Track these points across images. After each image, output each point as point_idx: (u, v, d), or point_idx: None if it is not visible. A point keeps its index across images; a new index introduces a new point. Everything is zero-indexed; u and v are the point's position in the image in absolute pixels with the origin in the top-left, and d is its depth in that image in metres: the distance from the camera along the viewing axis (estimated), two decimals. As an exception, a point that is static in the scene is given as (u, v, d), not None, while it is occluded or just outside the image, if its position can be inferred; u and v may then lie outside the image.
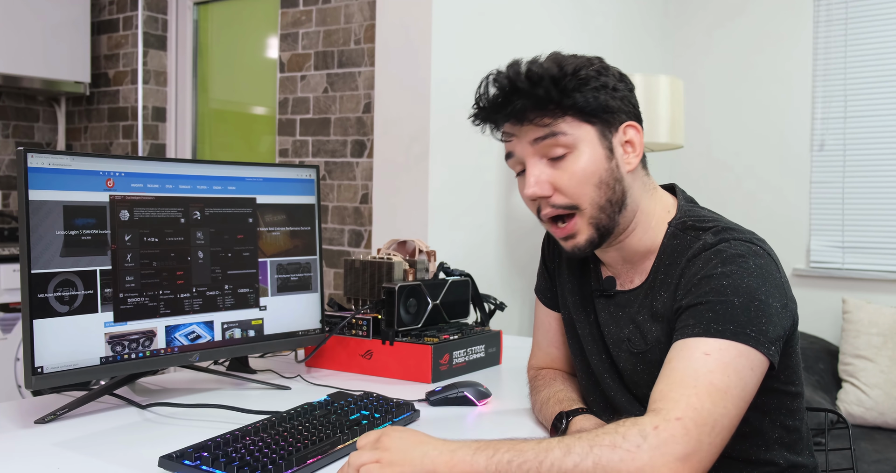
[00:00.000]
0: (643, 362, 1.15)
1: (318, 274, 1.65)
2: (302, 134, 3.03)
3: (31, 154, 1.23)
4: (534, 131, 1.12)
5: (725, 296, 1.02)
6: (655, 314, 1.15)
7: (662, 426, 0.91)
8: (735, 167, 3.51)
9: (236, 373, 1.57)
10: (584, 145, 1.12)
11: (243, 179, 1.53)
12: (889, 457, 2.51)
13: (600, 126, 1.13)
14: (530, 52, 1.18)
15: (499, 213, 2.75)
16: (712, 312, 1.02)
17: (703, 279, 1.06)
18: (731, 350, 0.99)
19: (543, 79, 1.10)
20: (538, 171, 1.13)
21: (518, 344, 1.97)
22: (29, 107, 3.79)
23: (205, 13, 3.61)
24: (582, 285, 1.29)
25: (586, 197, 1.12)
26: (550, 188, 1.13)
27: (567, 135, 1.11)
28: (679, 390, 0.95)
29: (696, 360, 0.98)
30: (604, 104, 1.12)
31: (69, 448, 1.14)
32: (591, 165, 1.12)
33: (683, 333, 1.03)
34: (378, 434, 1.00)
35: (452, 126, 2.54)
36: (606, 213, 1.13)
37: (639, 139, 1.16)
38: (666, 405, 0.94)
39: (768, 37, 3.47)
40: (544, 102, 1.11)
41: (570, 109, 1.11)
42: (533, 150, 1.13)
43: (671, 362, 1.01)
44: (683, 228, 1.16)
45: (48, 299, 1.23)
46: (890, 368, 2.86)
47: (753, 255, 1.07)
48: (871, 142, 3.25)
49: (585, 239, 1.15)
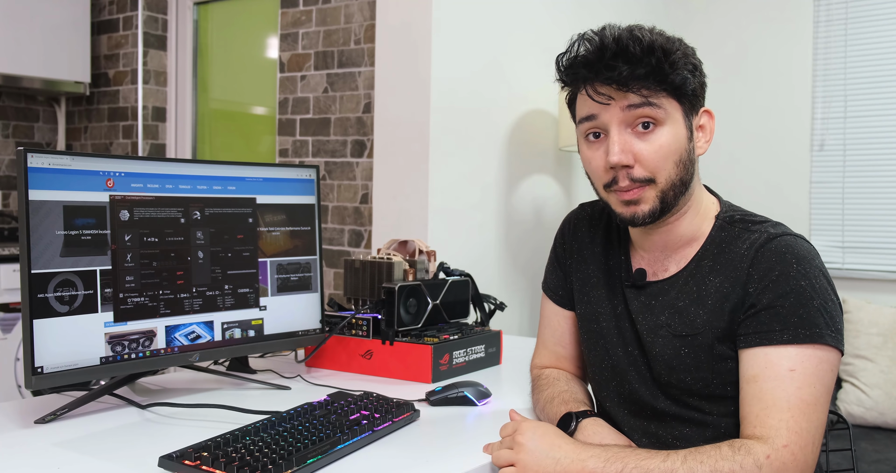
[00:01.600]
0: (689, 345, 1.15)
1: (318, 274, 1.65)
2: (302, 134, 3.03)
3: (31, 154, 1.23)
4: (630, 98, 1.12)
5: (807, 299, 1.07)
6: (701, 298, 1.15)
7: (774, 455, 1.00)
8: (735, 167, 3.51)
9: (236, 373, 1.57)
10: (672, 122, 1.14)
11: (243, 179, 1.53)
12: (889, 457, 2.51)
13: (687, 106, 1.15)
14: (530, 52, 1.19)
15: (499, 213, 2.75)
16: (797, 316, 1.06)
17: (781, 277, 1.08)
18: (814, 358, 1.05)
19: (655, 50, 1.11)
20: (624, 139, 1.13)
21: (518, 344, 1.97)
22: (29, 107, 3.79)
23: (205, 13, 3.61)
24: (610, 277, 1.29)
25: (664, 172, 1.14)
26: (633, 158, 1.13)
27: (660, 109, 1.13)
28: (776, 414, 1.03)
29: (783, 378, 1.04)
30: (693, 85, 1.15)
31: (69, 448, 1.14)
32: (675, 142, 1.14)
33: (770, 338, 1.07)
34: (514, 428, 1.10)
35: (452, 126, 2.54)
36: (676, 191, 1.15)
37: (711, 126, 1.19)
38: (768, 432, 1.02)
39: (768, 37, 3.47)
40: (651, 74, 1.11)
41: (670, 85, 1.12)
42: (622, 117, 1.13)
43: (759, 381, 1.06)
44: (732, 221, 1.18)
45: (48, 299, 1.23)
46: (890, 368, 2.86)
47: (815, 254, 1.12)
48: (871, 142, 3.25)
49: (649, 209, 1.15)
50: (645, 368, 1.21)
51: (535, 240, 2.90)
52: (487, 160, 2.69)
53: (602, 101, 1.13)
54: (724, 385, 1.13)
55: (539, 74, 2.81)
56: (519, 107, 2.79)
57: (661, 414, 1.19)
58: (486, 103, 2.68)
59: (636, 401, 1.22)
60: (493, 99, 2.70)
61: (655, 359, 1.19)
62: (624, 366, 1.25)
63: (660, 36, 1.13)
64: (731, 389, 1.13)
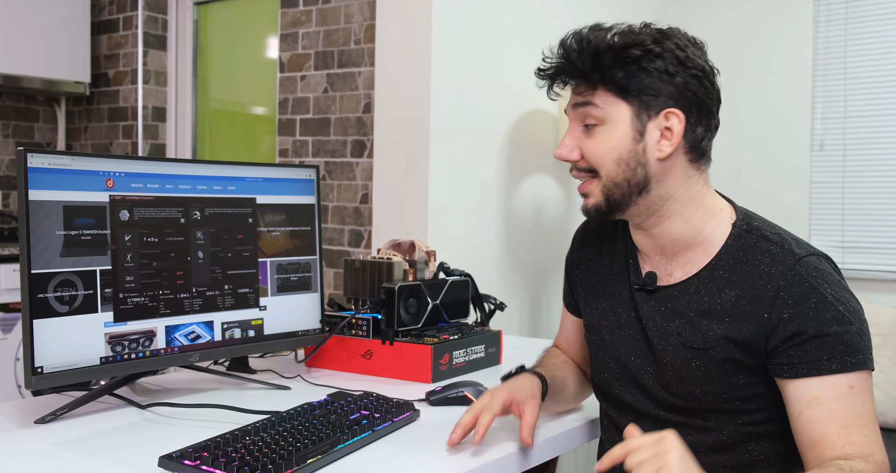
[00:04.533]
0: (701, 358, 1.14)
1: (318, 274, 1.65)
2: (302, 134, 3.03)
3: (31, 154, 1.23)
4: (574, 98, 1.18)
5: (847, 324, 1.07)
6: (716, 310, 1.14)
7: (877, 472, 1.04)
8: (735, 167, 3.50)
9: (236, 373, 1.57)
10: (613, 122, 1.14)
11: (243, 179, 1.53)
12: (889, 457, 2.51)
13: (637, 107, 1.13)
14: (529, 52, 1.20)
15: (499, 213, 2.75)
16: (842, 345, 1.07)
17: (820, 304, 1.08)
18: (863, 377, 1.08)
19: (584, 50, 1.14)
20: (571, 136, 1.19)
21: (518, 344, 1.97)
22: (29, 107, 3.79)
23: (205, 13, 3.61)
24: (615, 285, 1.28)
25: (604, 168, 1.16)
26: (578, 153, 1.18)
27: (598, 108, 1.14)
28: (858, 431, 1.05)
29: (847, 396, 1.06)
30: (646, 86, 1.12)
31: (69, 448, 1.14)
32: (614, 141, 1.14)
33: (819, 368, 1.07)
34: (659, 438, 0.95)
35: (452, 126, 2.54)
36: (621, 190, 1.15)
37: (679, 129, 1.12)
38: (862, 449, 1.05)
39: (768, 37, 3.47)
40: (580, 72, 1.15)
41: (604, 83, 1.13)
42: (574, 114, 1.19)
43: (823, 403, 1.06)
44: (749, 229, 1.17)
45: (48, 299, 1.23)
46: (890, 368, 2.86)
47: (839, 274, 1.13)
48: (871, 142, 3.25)
49: (593, 203, 1.18)
50: (652, 375, 1.20)
51: (535, 240, 2.90)
52: (487, 160, 2.69)
53: (552, 96, 1.23)
54: (734, 400, 1.13)
55: (539, 74, 2.81)
56: (519, 107, 2.79)
57: (664, 422, 1.18)
58: (486, 103, 2.68)
59: (636, 410, 1.22)
60: (493, 99, 2.70)
61: (665, 368, 1.18)
62: (623, 378, 1.24)
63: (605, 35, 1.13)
64: (739, 403, 1.13)
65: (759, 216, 1.22)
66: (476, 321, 1.88)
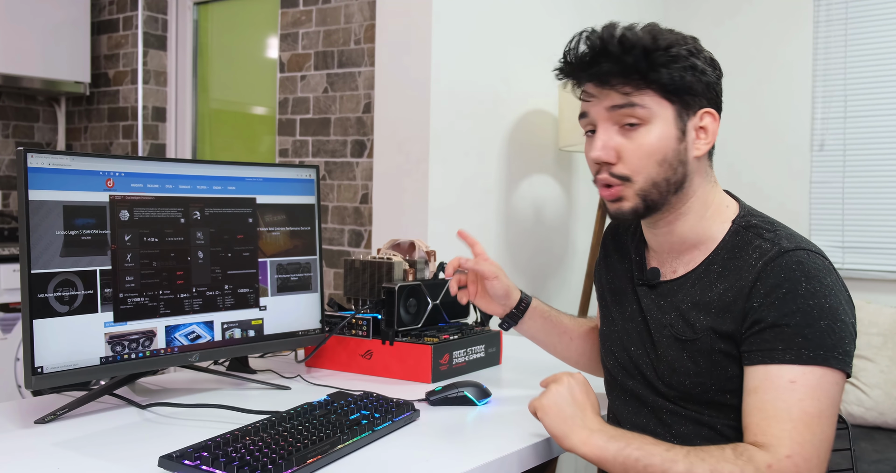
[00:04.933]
0: (690, 350, 1.15)
1: (318, 274, 1.65)
2: (302, 134, 3.03)
3: (31, 154, 1.23)
4: (613, 98, 1.13)
5: (813, 319, 1.04)
6: (704, 303, 1.15)
7: (776, 465, 0.99)
8: (735, 167, 3.51)
9: (236, 373, 1.57)
10: (658, 122, 1.13)
11: (243, 179, 1.53)
12: (889, 457, 2.51)
13: (679, 106, 1.14)
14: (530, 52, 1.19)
15: (499, 213, 2.75)
16: (801, 337, 1.04)
17: (788, 295, 1.06)
18: (816, 372, 1.03)
19: (635, 47, 1.11)
20: (607, 137, 1.15)
21: (518, 344, 1.97)
22: (29, 107, 3.79)
23: (205, 13, 3.61)
24: (621, 278, 1.30)
25: (644, 171, 1.14)
26: (615, 156, 1.14)
27: (644, 108, 1.12)
28: (777, 425, 1.02)
29: (784, 389, 1.03)
30: (688, 85, 1.13)
31: (69, 448, 1.14)
32: (659, 142, 1.13)
33: (772, 357, 1.05)
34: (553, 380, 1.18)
35: (452, 126, 2.54)
36: (659, 190, 1.14)
37: (713, 128, 1.17)
38: (770, 440, 1.01)
39: (768, 37, 3.47)
40: (630, 71, 1.11)
41: (655, 83, 1.12)
42: (608, 115, 1.15)
43: (759, 392, 1.05)
44: (747, 226, 1.17)
45: (48, 299, 1.23)
46: (890, 368, 2.86)
47: (828, 271, 1.09)
48: (871, 142, 3.25)
49: (630, 207, 1.16)
50: (650, 366, 1.22)
51: (535, 240, 2.90)
52: (487, 160, 2.69)
53: (585, 98, 1.17)
54: (723, 393, 1.13)
55: (539, 74, 2.81)
56: (519, 107, 2.79)
57: (660, 412, 1.20)
58: (486, 103, 2.68)
59: (638, 398, 1.23)
60: (493, 99, 2.70)
61: (661, 358, 1.19)
62: (626, 367, 1.26)
63: (649, 34, 1.13)
64: (729, 397, 1.13)
65: (763, 214, 1.22)
66: (476, 321, 1.88)
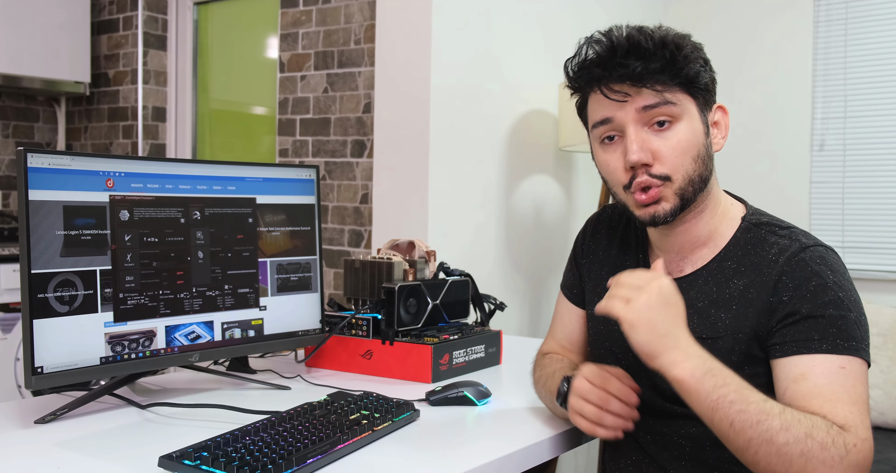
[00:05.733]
0: (710, 348, 1.12)
1: (318, 274, 1.65)
2: (302, 134, 3.03)
3: (31, 154, 1.23)
4: (646, 97, 1.12)
5: (845, 310, 1.06)
6: (724, 300, 1.14)
7: (859, 445, 0.98)
8: (735, 167, 3.51)
9: (236, 373, 1.57)
10: (688, 117, 1.13)
11: (243, 179, 1.53)
12: (889, 457, 2.51)
13: (701, 102, 1.15)
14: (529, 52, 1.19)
15: (499, 213, 2.75)
16: (836, 328, 1.05)
17: (819, 288, 1.07)
18: (856, 363, 1.05)
19: (668, 44, 1.11)
20: (642, 137, 1.13)
21: (518, 344, 1.97)
22: (29, 107, 3.79)
23: (205, 13, 3.61)
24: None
25: (682, 168, 1.13)
26: (651, 156, 1.13)
27: (677, 105, 1.12)
28: (846, 407, 1.00)
29: (839, 374, 1.03)
30: (707, 80, 1.14)
31: (69, 448, 1.14)
32: (693, 137, 1.13)
33: (809, 347, 1.05)
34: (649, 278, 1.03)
35: (452, 126, 2.54)
36: (694, 187, 1.14)
37: (725, 121, 1.18)
38: (846, 422, 0.99)
39: (768, 37, 3.47)
40: (663, 69, 1.11)
41: (684, 79, 1.12)
42: (638, 117, 1.13)
43: (810, 378, 1.04)
44: (758, 223, 1.17)
45: (48, 299, 1.23)
46: (890, 368, 2.86)
47: (845, 267, 1.12)
48: (871, 142, 3.25)
49: (670, 207, 1.14)
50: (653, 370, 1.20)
51: (535, 240, 2.90)
52: (487, 160, 2.69)
53: (618, 98, 1.12)
54: None
55: (539, 74, 2.81)
56: (519, 107, 2.79)
57: (669, 414, 1.19)
58: (486, 103, 2.68)
59: (642, 400, 1.22)
60: (493, 99, 2.70)
61: None
62: (637, 367, 1.23)
63: (669, 31, 1.14)
64: None
65: (770, 214, 1.22)
66: (476, 321, 1.88)
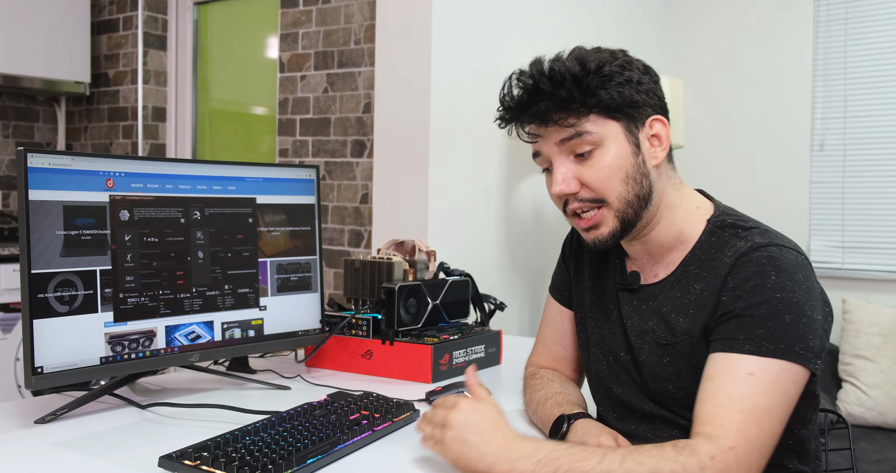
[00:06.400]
0: (670, 354, 1.14)
1: (318, 274, 1.65)
2: (302, 134, 3.03)
3: (31, 154, 1.23)
4: (559, 132, 1.13)
5: (778, 312, 1.03)
6: (683, 305, 1.14)
7: (718, 456, 0.95)
8: (735, 167, 3.51)
9: (236, 373, 1.57)
10: (611, 141, 1.12)
11: (243, 179, 1.53)
12: (889, 457, 2.51)
13: (626, 122, 1.13)
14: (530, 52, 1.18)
15: (499, 213, 2.75)
16: (764, 328, 1.02)
17: (756, 288, 1.05)
18: (775, 367, 1.01)
19: (566, 79, 1.10)
20: (565, 169, 1.14)
21: (518, 344, 1.97)
22: (29, 107, 3.79)
23: (205, 13, 3.61)
24: (605, 282, 1.28)
25: (613, 191, 1.13)
26: (577, 185, 1.14)
27: (592, 133, 1.12)
28: (728, 415, 0.98)
29: (741, 380, 1.00)
30: (628, 100, 1.12)
31: (69, 448, 1.14)
32: (618, 160, 1.12)
33: (732, 346, 1.03)
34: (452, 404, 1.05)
35: (452, 126, 2.54)
36: (633, 207, 1.14)
37: (665, 133, 1.16)
38: (717, 431, 0.97)
39: (768, 37, 3.47)
40: (567, 103, 1.11)
41: (595, 107, 1.11)
42: (559, 149, 1.14)
43: (715, 380, 1.02)
44: (723, 225, 1.16)
45: (48, 299, 1.23)
46: (890, 368, 2.86)
47: (801, 266, 1.08)
48: (871, 142, 3.25)
49: (609, 231, 1.15)
50: (635, 373, 1.21)
51: (535, 240, 2.90)
52: (487, 160, 2.69)
53: (531, 139, 1.17)
54: None
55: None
56: (519, 107, 2.79)
57: (650, 417, 1.19)
58: (486, 103, 2.68)
59: (624, 404, 1.22)
60: (493, 99, 2.69)
61: (643, 366, 1.19)
62: (614, 372, 1.24)
63: (576, 61, 1.12)
64: None
65: (738, 212, 1.20)
66: (476, 321, 1.88)
